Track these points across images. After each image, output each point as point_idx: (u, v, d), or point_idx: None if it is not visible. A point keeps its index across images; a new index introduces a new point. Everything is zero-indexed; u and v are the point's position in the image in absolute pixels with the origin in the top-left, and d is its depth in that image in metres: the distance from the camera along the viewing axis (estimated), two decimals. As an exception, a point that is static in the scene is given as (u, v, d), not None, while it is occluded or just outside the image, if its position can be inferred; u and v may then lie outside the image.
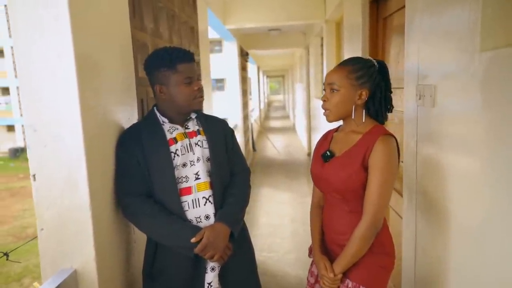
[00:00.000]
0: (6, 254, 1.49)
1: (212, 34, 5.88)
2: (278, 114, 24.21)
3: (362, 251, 1.38)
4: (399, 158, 1.42)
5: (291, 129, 14.75)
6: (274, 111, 27.52)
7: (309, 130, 8.35)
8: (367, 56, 1.51)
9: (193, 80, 1.52)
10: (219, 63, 9.14)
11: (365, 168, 1.37)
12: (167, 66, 1.47)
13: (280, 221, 4.65)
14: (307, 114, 8.55)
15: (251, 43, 8.19)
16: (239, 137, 7.02)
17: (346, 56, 3.61)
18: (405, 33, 1.88)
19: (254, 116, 11.88)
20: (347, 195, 1.42)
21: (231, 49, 6.87)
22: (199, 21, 3.25)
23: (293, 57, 13.10)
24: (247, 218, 1.67)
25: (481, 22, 1.19)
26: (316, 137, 6.81)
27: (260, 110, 15.52)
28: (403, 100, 1.93)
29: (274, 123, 18.17)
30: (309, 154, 8.42)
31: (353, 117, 1.43)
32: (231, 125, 7.02)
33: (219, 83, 19.87)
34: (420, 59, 1.73)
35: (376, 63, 1.42)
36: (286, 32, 7.67)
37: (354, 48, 3.14)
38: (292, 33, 7.96)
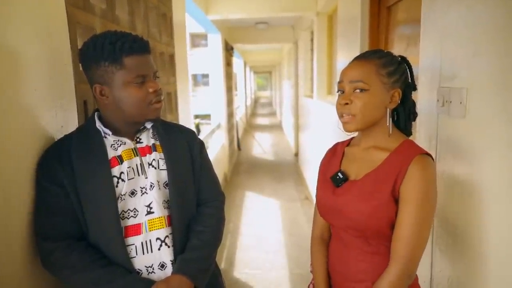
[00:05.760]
0: None
1: (198, 27, 5.45)
2: (265, 111, 23.76)
3: None
4: None
5: (278, 127, 14.42)
6: (261, 107, 27.08)
7: (297, 129, 8.00)
8: (385, 50, 1.16)
9: (147, 79, 1.11)
10: (205, 58, 8.73)
11: (396, 199, 1.02)
12: (110, 59, 1.05)
13: (264, 231, 4.26)
14: (295, 113, 8.20)
15: (237, 37, 7.80)
16: (223, 135, 6.60)
17: (340, 52, 3.25)
18: (422, 23, 1.54)
19: (240, 113, 11.46)
20: (369, 233, 1.06)
21: (215, 42, 6.43)
22: (174, 8, 2.82)
23: (281, 53, 12.72)
24: (226, 229, 1.26)
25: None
26: (304, 137, 6.50)
27: (246, 107, 15.08)
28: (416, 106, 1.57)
29: (260, 120, 17.80)
30: (296, 154, 8.09)
31: (388, 124, 1.08)
32: (214, 123, 6.54)
33: (205, 78, 19.59)
34: (443, 54, 1.37)
35: (399, 58, 1.10)
36: (274, 26, 7.32)
37: (351, 42, 2.77)
38: (280, 27, 7.61)
